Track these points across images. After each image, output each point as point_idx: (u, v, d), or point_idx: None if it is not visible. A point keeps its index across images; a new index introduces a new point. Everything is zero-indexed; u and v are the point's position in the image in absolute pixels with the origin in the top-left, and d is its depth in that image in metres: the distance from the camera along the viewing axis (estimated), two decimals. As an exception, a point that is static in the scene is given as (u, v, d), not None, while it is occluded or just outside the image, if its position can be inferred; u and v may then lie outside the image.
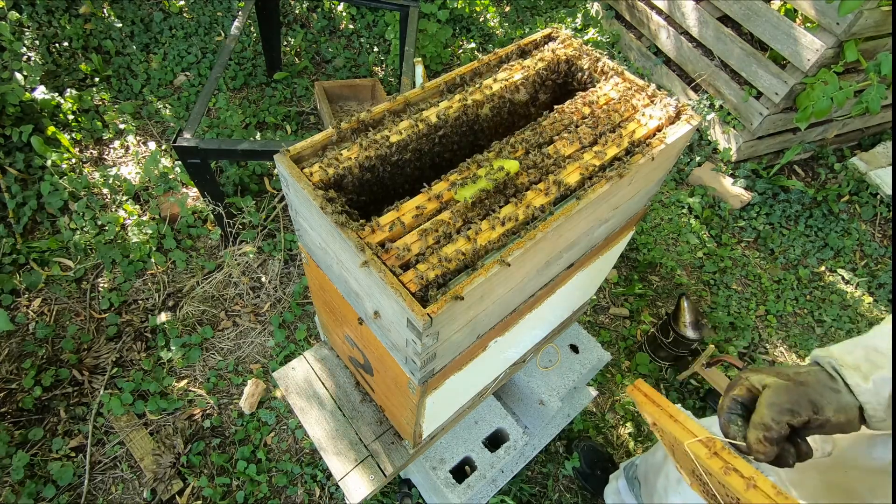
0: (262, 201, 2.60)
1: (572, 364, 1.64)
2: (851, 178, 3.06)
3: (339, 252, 0.86)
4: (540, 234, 0.82)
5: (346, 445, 1.33)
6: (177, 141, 1.85)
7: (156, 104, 2.99)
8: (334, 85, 2.95)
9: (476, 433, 1.53)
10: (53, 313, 2.20)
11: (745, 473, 0.78)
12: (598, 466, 1.94)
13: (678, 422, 0.89)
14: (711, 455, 0.81)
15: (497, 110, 1.09)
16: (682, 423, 0.88)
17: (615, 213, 1.08)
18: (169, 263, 2.39)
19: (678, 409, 0.91)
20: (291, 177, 0.85)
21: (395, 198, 0.88)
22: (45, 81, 2.83)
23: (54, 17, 3.11)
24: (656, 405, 0.94)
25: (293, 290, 2.35)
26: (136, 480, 1.87)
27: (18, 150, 2.53)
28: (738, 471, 0.78)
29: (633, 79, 1.10)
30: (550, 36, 1.20)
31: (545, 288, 1.09)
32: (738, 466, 0.79)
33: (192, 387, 2.08)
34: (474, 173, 0.89)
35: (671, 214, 2.87)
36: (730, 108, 3.04)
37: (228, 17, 3.45)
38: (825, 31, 2.44)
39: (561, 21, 3.90)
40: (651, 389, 0.98)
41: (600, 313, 2.45)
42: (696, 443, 0.83)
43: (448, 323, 0.78)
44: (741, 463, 0.79)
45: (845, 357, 0.80)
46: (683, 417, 0.89)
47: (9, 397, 1.96)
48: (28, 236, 2.39)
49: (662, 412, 0.92)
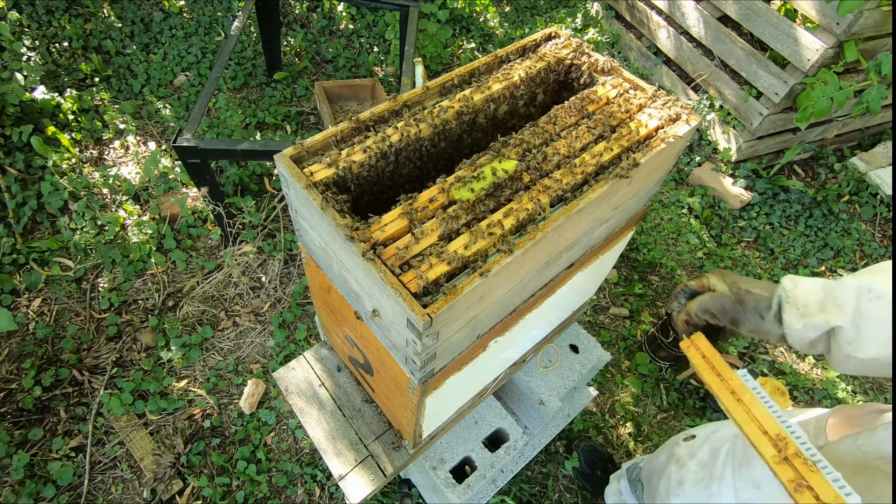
0: (262, 201, 2.60)
1: (572, 364, 1.64)
2: (851, 178, 3.06)
3: (339, 252, 0.86)
4: (540, 234, 0.82)
5: (346, 446, 1.33)
6: (177, 141, 1.85)
7: (156, 104, 2.99)
8: (334, 85, 2.95)
9: (476, 433, 1.53)
10: (53, 313, 2.20)
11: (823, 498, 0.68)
12: (598, 466, 1.94)
13: (742, 403, 0.77)
14: (781, 460, 0.72)
15: (496, 110, 1.09)
16: (748, 405, 0.76)
17: (615, 213, 1.08)
18: (169, 263, 2.38)
19: (742, 384, 0.80)
20: (291, 177, 0.85)
21: (396, 198, 0.88)
22: (45, 81, 2.83)
23: (54, 17, 3.11)
24: (716, 373, 0.82)
25: (293, 290, 2.35)
26: (136, 480, 1.87)
27: (18, 150, 2.53)
28: (811, 489, 0.69)
29: (633, 79, 1.10)
30: (550, 36, 1.20)
31: (545, 288, 1.09)
32: (813, 484, 0.70)
33: (192, 387, 2.08)
34: (474, 173, 0.89)
35: (671, 214, 2.87)
36: (730, 108, 3.04)
37: (228, 17, 3.45)
38: (825, 31, 2.44)
39: (561, 21, 3.90)
40: (710, 349, 0.87)
41: (600, 313, 2.45)
42: (763, 439, 0.74)
43: (448, 323, 0.78)
44: (818, 480, 0.70)
45: (802, 295, 0.87)
46: (749, 397, 0.77)
47: (9, 397, 1.96)
48: (28, 236, 2.39)
49: (723, 386, 0.80)
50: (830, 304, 0.85)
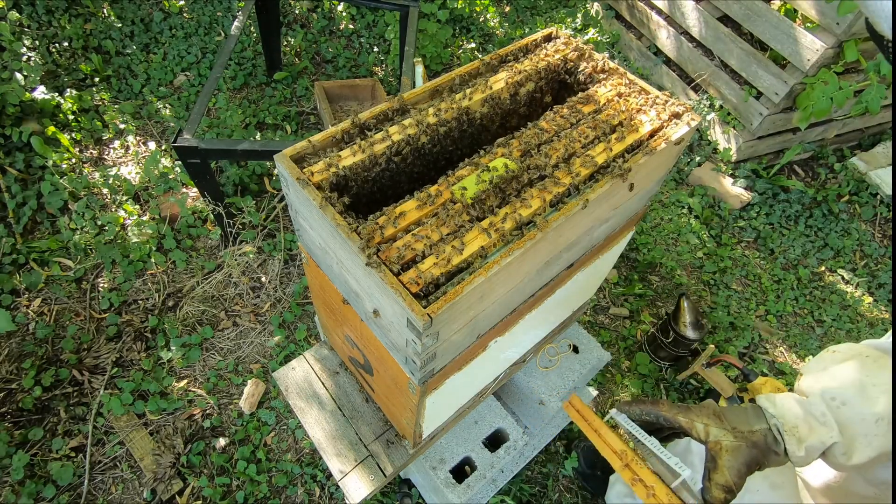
0: (262, 201, 2.60)
1: (572, 364, 1.64)
2: (851, 178, 3.06)
3: (339, 252, 0.86)
4: (540, 234, 0.82)
5: (346, 446, 1.33)
6: (177, 141, 1.85)
7: (156, 104, 2.99)
8: (334, 85, 2.95)
9: (476, 433, 1.53)
10: (53, 313, 2.20)
11: (647, 482, 0.90)
12: (597, 466, 1.94)
13: (600, 434, 1.01)
14: (623, 467, 0.94)
15: (497, 110, 1.09)
16: (603, 436, 1.00)
17: (615, 212, 1.08)
18: (169, 263, 2.39)
19: (601, 423, 1.03)
20: (291, 177, 0.85)
21: (396, 198, 0.88)
22: (45, 81, 2.83)
23: (54, 17, 3.11)
24: (584, 419, 1.06)
25: (293, 290, 2.35)
26: (136, 480, 1.87)
27: (18, 150, 2.53)
28: (642, 481, 0.91)
29: (633, 79, 1.10)
30: (550, 36, 1.20)
31: (545, 288, 1.09)
32: (643, 476, 0.91)
33: (192, 387, 2.08)
34: (474, 173, 0.89)
35: (671, 214, 2.87)
36: (730, 108, 3.04)
37: (228, 17, 3.45)
38: (825, 31, 2.44)
39: (561, 21, 3.90)
40: (582, 405, 1.09)
41: (600, 313, 2.45)
42: (611, 455, 0.97)
43: (448, 323, 0.78)
44: (646, 473, 0.92)
45: (790, 417, 0.89)
46: (605, 431, 1.01)
47: (9, 397, 1.96)
48: (28, 236, 2.39)
49: (588, 426, 1.05)
50: (815, 423, 0.88)
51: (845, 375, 0.90)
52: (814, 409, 0.89)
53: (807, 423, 0.88)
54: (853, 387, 0.87)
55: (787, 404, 0.90)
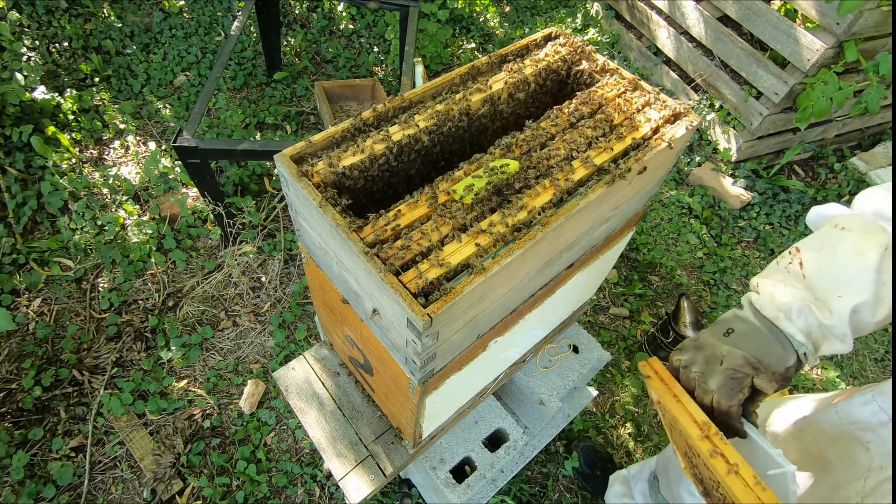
0: (262, 201, 2.60)
1: (572, 364, 1.64)
2: (851, 178, 3.06)
3: (339, 252, 0.86)
4: (540, 234, 0.82)
5: (346, 446, 1.33)
6: (177, 141, 1.85)
7: (156, 104, 2.99)
8: (334, 85, 2.95)
9: (476, 433, 1.53)
10: (53, 313, 2.20)
11: (731, 460, 0.83)
12: (597, 467, 1.94)
13: (680, 402, 0.92)
14: (703, 437, 0.86)
15: (497, 110, 1.09)
16: (685, 404, 0.92)
17: (615, 212, 1.08)
18: (169, 263, 2.38)
19: (683, 391, 0.94)
20: (291, 177, 0.85)
21: (396, 198, 0.88)
22: (45, 81, 2.83)
23: (54, 17, 3.11)
24: (664, 383, 0.97)
25: (293, 290, 2.35)
26: (136, 480, 1.87)
27: (18, 150, 2.53)
28: (724, 456, 0.83)
29: (633, 79, 1.10)
30: (550, 36, 1.20)
31: (545, 288, 1.09)
32: (726, 452, 0.84)
33: (192, 387, 2.08)
34: (474, 173, 0.89)
35: (671, 214, 2.87)
36: (730, 108, 3.04)
37: (228, 17, 3.45)
38: (825, 31, 2.44)
39: (561, 21, 3.90)
40: (662, 367, 1.00)
41: (600, 313, 2.45)
42: (691, 423, 0.88)
43: (448, 323, 0.78)
44: (730, 450, 0.84)
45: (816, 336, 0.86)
46: (686, 399, 0.92)
47: (9, 397, 1.96)
48: (28, 236, 2.39)
49: (668, 391, 0.95)
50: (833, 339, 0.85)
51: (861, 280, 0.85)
52: (836, 330, 0.85)
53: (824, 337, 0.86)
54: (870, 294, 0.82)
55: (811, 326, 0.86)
